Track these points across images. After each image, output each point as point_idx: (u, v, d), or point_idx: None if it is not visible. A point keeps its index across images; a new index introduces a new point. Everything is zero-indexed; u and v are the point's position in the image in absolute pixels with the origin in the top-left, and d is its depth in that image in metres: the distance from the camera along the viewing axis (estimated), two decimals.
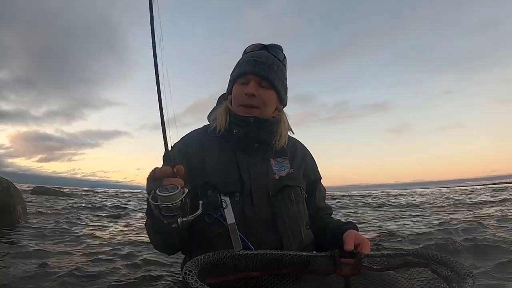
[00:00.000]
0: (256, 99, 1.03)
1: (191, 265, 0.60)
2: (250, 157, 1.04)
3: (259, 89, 1.03)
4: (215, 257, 0.71)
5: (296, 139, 1.24)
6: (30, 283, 1.96)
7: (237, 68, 1.09)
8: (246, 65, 1.04)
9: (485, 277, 1.93)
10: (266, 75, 1.03)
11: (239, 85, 1.06)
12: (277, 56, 1.09)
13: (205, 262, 0.67)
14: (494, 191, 16.03)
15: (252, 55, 1.06)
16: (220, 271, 0.73)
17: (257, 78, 1.03)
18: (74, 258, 2.70)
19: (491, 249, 2.72)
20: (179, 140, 1.11)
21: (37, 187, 14.57)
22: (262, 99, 1.04)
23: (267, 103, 1.05)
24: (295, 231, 0.99)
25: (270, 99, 1.06)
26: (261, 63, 1.04)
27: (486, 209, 7.30)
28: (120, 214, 6.18)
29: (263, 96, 1.04)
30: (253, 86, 1.02)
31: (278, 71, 1.07)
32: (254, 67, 1.03)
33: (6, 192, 4.15)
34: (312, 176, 1.18)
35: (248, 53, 1.09)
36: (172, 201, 0.68)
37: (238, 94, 1.05)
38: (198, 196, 0.97)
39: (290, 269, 0.83)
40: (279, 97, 1.10)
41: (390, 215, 6.63)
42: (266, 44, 1.11)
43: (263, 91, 1.04)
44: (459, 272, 0.63)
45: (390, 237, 3.46)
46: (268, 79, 1.04)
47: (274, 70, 1.05)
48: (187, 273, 0.55)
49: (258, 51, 1.08)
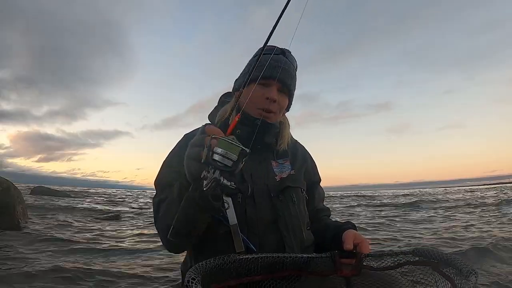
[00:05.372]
0: (275, 105, 1.04)
1: (193, 272, 0.59)
2: (252, 158, 1.04)
3: (279, 95, 1.05)
4: (217, 263, 0.70)
5: (297, 141, 1.24)
6: (30, 283, 1.96)
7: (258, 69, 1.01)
8: (271, 69, 1.02)
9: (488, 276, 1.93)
10: (288, 84, 1.05)
11: (260, 87, 1.03)
12: (293, 63, 1.10)
13: (207, 268, 0.66)
14: (494, 191, 16.07)
15: (274, 59, 1.04)
16: (222, 276, 0.73)
17: (279, 85, 1.04)
18: (74, 258, 2.69)
19: (494, 248, 2.71)
20: (182, 137, 1.12)
21: (37, 187, 14.56)
22: (280, 106, 1.06)
23: (282, 109, 1.08)
24: (296, 231, 0.99)
25: (284, 105, 1.09)
26: (284, 70, 1.04)
27: (487, 209, 7.30)
28: (119, 214, 6.18)
29: (281, 103, 1.06)
30: (275, 92, 1.03)
31: (294, 78, 1.09)
32: (278, 74, 1.02)
33: (6, 192, 4.15)
34: (312, 177, 1.19)
35: (267, 55, 1.05)
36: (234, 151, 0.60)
37: (259, 96, 1.03)
38: None
39: (291, 271, 0.83)
40: (289, 103, 1.12)
41: (390, 216, 6.63)
42: (282, 48, 1.11)
43: (282, 97, 1.06)
44: (462, 270, 0.62)
45: (390, 237, 3.47)
46: (288, 88, 1.06)
47: (292, 78, 1.08)
48: (190, 281, 0.54)
49: (278, 55, 1.07)
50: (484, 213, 6.69)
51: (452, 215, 6.64)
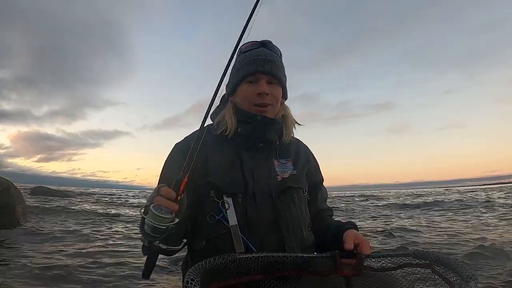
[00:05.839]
0: (269, 97, 1.04)
1: (193, 273, 0.59)
2: (254, 157, 1.04)
3: (270, 87, 1.04)
4: (217, 262, 0.70)
5: (300, 140, 1.24)
6: (30, 283, 1.96)
7: (243, 68, 1.07)
8: (253, 64, 1.03)
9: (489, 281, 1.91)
10: (275, 73, 1.04)
11: (247, 84, 1.05)
12: (276, 52, 1.10)
13: (207, 268, 0.66)
14: (495, 191, 16.02)
15: (255, 54, 1.05)
16: (222, 275, 0.72)
17: (267, 77, 1.04)
18: (74, 259, 2.69)
19: (496, 251, 2.69)
20: (182, 139, 1.11)
21: (36, 187, 14.55)
22: (275, 96, 1.06)
23: (278, 99, 1.08)
24: (297, 232, 0.99)
25: (279, 95, 1.08)
26: (268, 61, 1.04)
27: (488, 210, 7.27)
28: (118, 215, 6.18)
29: (274, 93, 1.06)
30: (265, 85, 1.03)
31: (281, 67, 1.09)
32: (263, 66, 1.02)
33: (6, 192, 4.15)
34: (314, 177, 1.18)
35: (248, 52, 1.08)
36: (159, 223, 0.69)
37: (249, 93, 1.04)
38: (201, 196, 0.97)
39: (291, 271, 0.83)
40: (284, 92, 1.11)
41: (391, 215, 6.62)
42: (260, 41, 1.11)
43: (274, 88, 1.05)
44: (462, 274, 0.62)
45: (390, 237, 3.46)
46: (277, 77, 1.05)
47: (279, 67, 1.07)
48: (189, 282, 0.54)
49: (258, 49, 1.08)
50: (486, 214, 6.65)
51: (453, 216, 6.61)
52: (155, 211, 0.69)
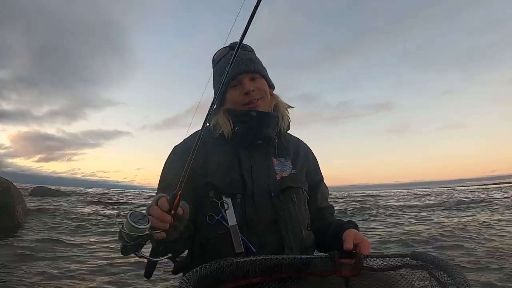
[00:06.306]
0: (255, 92, 1.06)
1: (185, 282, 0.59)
2: (253, 156, 1.05)
3: (253, 83, 1.07)
4: (213, 268, 0.70)
5: (299, 138, 1.24)
6: (29, 283, 1.97)
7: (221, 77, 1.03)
8: (232, 69, 1.03)
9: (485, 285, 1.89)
10: (254, 68, 1.08)
11: (233, 90, 1.07)
12: (247, 49, 1.14)
13: (202, 274, 0.66)
14: (495, 191, 15.97)
15: (228, 59, 1.06)
16: (219, 279, 0.72)
17: (248, 75, 1.07)
18: (74, 258, 2.70)
19: (495, 255, 2.66)
20: (181, 141, 1.11)
21: (36, 187, 14.54)
22: (261, 89, 1.08)
23: (266, 91, 1.10)
24: (296, 232, 0.99)
25: (265, 87, 1.11)
26: (243, 60, 1.07)
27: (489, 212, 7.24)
28: (118, 215, 6.18)
29: (260, 86, 1.08)
30: (248, 83, 1.06)
31: (257, 60, 1.12)
32: (240, 67, 1.05)
33: (6, 192, 4.15)
34: (314, 176, 1.18)
35: (221, 60, 1.12)
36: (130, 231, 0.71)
37: (237, 97, 1.06)
38: (200, 197, 0.98)
39: (290, 272, 0.82)
40: (268, 82, 1.14)
41: (391, 215, 6.61)
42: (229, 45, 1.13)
43: (258, 82, 1.08)
44: (455, 278, 0.62)
45: (391, 237, 3.45)
46: (256, 71, 1.08)
47: (255, 61, 1.11)
48: None
49: (229, 53, 1.11)
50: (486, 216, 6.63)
51: (453, 217, 6.59)
52: (130, 218, 0.71)
